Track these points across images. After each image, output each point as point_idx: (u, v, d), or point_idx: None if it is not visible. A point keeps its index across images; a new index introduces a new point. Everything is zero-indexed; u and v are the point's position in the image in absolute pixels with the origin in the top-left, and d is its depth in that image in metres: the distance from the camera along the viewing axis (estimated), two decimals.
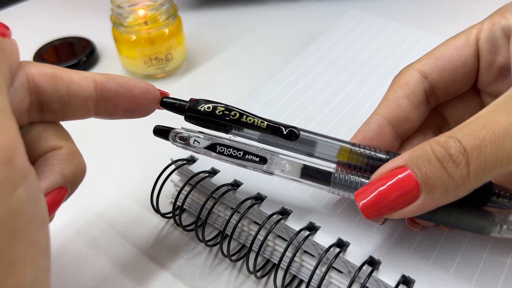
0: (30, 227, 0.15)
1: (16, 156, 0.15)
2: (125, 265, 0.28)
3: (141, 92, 0.22)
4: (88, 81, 0.21)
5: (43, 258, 0.16)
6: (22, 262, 0.15)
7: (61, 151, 0.20)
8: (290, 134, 0.23)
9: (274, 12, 0.54)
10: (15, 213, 0.15)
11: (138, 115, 0.23)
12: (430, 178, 0.18)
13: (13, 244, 0.15)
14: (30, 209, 0.15)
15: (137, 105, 0.22)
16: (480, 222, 0.21)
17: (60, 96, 0.20)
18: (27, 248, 0.15)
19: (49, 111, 0.20)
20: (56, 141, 0.20)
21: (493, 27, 0.24)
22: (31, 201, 0.15)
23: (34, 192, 0.16)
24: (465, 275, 0.22)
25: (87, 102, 0.21)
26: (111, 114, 0.22)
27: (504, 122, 0.18)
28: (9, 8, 0.58)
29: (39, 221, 0.16)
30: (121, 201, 0.32)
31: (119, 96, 0.22)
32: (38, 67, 0.20)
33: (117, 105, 0.22)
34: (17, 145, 0.15)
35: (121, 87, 0.22)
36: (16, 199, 0.15)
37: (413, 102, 0.25)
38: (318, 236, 0.24)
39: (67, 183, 0.20)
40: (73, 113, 0.21)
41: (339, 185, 0.23)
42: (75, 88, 0.20)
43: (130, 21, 0.41)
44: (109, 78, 0.21)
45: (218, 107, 0.23)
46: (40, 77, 0.19)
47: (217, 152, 0.23)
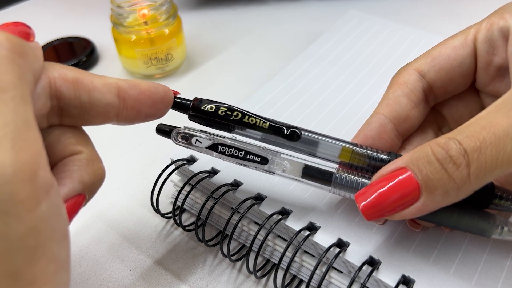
0: (50, 243, 0.15)
1: (39, 170, 0.15)
2: (125, 265, 0.28)
3: (160, 96, 0.22)
4: (110, 88, 0.20)
5: (63, 273, 0.16)
6: (42, 280, 0.15)
7: (81, 156, 0.19)
8: (292, 134, 0.23)
9: (274, 12, 0.54)
10: (36, 230, 0.14)
11: (155, 118, 0.22)
12: (431, 180, 0.18)
13: (33, 262, 0.14)
14: (52, 224, 0.15)
15: (156, 109, 0.22)
16: (481, 224, 0.21)
17: (81, 102, 0.19)
18: (47, 265, 0.15)
19: (69, 116, 0.19)
20: (75, 145, 0.20)
21: (491, 27, 0.24)
22: (52, 215, 0.15)
23: (56, 206, 0.15)
24: (465, 275, 0.22)
25: (108, 110, 0.20)
26: (132, 120, 0.21)
27: (504, 124, 0.18)
28: (9, 8, 0.58)
29: (60, 236, 0.16)
30: (121, 201, 0.32)
31: (140, 103, 0.21)
32: (60, 71, 0.19)
33: (139, 111, 0.21)
34: (41, 158, 0.15)
35: (142, 93, 0.21)
36: (37, 216, 0.14)
37: (413, 100, 0.25)
38: (318, 236, 0.24)
39: (85, 189, 0.19)
40: (94, 119, 0.20)
41: (340, 185, 0.23)
42: (97, 95, 0.19)
43: (130, 21, 0.41)
44: (132, 84, 0.21)
45: (221, 108, 0.23)
46: (62, 82, 0.19)
47: (218, 152, 0.24)
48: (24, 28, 0.19)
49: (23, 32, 0.19)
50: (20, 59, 0.16)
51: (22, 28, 0.19)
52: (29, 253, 0.14)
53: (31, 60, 0.17)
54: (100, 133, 0.38)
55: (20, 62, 0.16)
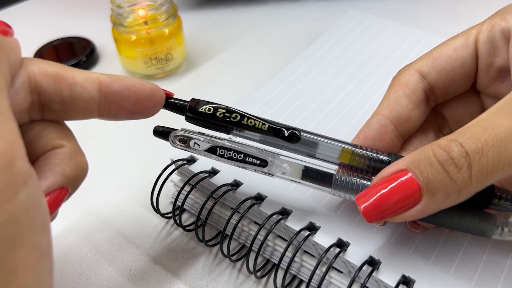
0: (30, 231, 0.15)
1: (16, 160, 0.15)
2: (125, 265, 0.28)
3: (147, 94, 0.21)
4: (92, 82, 0.20)
5: (44, 262, 0.16)
6: (23, 268, 0.15)
7: (63, 150, 0.20)
8: (292, 136, 0.23)
9: (274, 12, 0.54)
10: (15, 219, 0.14)
11: (142, 116, 0.22)
12: (432, 182, 0.18)
13: (13, 251, 0.14)
14: (31, 213, 0.15)
15: (142, 107, 0.22)
16: (482, 225, 0.21)
17: (62, 97, 0.19)
18: (28, 253, 0.15)
19: (50, 111, 0.20)
20: (57, 140, 0.20)
21: (493, 28, 0.24)
22: (31, 205, 0.15)
23: (35, 195, 0.15)
24: (465, 275, 0.22)
25: (90, 104, 0.20)
26: (115, 116, 0.21)
27: (506, 125, 0.18)
28: (9, 8, 0.58)
29: (40, 225, 0.16)
30: (121, 201, 0.32)
31: (123, 99, 0.21)
32: (40, 65, 0.19)
33: (121, 107, 0.21)
34: (17, 148, 0.15)
35: (126, 89, 0.21)
36: (16, 205, 0.14)
37: (413, 101, 0.25)
38: (318, 236, 0.24)
39: (68, 183, 0.19)
40: (75, 114, 0.20)
41: (340, 187, 0.23)
42: (78, 90, 0.19)
43: (130, 21, 0.41)
44: (114, 79, 0.20)
45: (219, 109, 0.23)
46: (42, 77, 0.19)
47: (217, 155, 0.23)
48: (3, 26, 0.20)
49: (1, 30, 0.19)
50: None
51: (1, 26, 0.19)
52: (8, 241, 0.14)
53: (6, 52, 0.17)
54: (100, 133, 0.39)
55: None
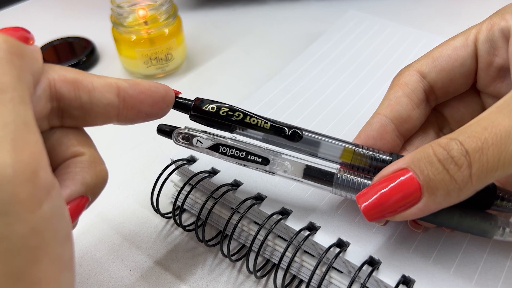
0: (53, 243, 0.15)
1: (40, 171, 0.15)
2: (125, 265, 0.28)
3: (161, 96, 0.21)
4: (110, 88, 0.20)
5: (67, 273, 0.16)
6: (45, 280, 0.15)
7: (83, 158, 0.19)
8: (294, 135, 0.23)
9: (274, 12, 0.54)
10: (38, 231, 0.14)
11: (156, 117, 0.22)
12: (432, 180, 0.18)
13: (35, 263, 0.14)
14: (54, 224, 0.15)
15: (157, 109, 0.22)
16: (483, 225, 0.21)
17: (82, 103, 0.19)
18: (50, 265, 0.15)
19: (70, 117, 0.19)
20: (77, 147, 0.20)
21: (492, 28, 0.24)
22: (54, 216, 0.15)
23: (57, 206, 0.15)
24: (465, 275, 0.22)
25: (108, 109, 0.20)
26: (133, 120, 0.21)
27: (506, 124, 0.18)
28: (9, 8, 0.58)
29: (62, 236, 0.16)
30: (121, 201, 0.32)
31: (141, 102, 0.21)
32: (60, 72, 0.19)
33: (139, 111, 0.21)
34: (41, 159, 0.15)
35: (142, 93, 0.21)
36: (39, 217, 0.14)
37: (414, 101, 0.25)
38: (318, 236, 0.24)
39: (88, 191, 0.19)
40: (95, 120, 0.20)
41: (341, 186, 0.23)
42: (97, 95, 0.19)
43: (130, 21, 0.41)
44: (132, 84, 0.20)
45: (223, 108, 0.23)
46: (62, 84, 0.19)
47: (219, 152, 0.24)
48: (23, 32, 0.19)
49: (22, 36, 0.19)
50: (18, 60, 0.16)
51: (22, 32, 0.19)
52: (31, 253, 0.14)
53: (29, 61, 0.17)
54: (100, 133, 0.38)
55: (18, 64, 0.16)
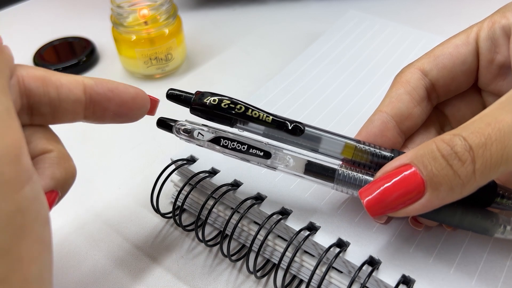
0: (35, 224, 0.16)
1: (23, 155, 0.15)
2: (125, 265, 0.28)
3: (131, 97, 0.22)
4: (77, 85, 0.21)
5: (47, 254, 0.17)
6: (28, 258, 0.16)
7: (51, 154, 0.20)
8: (295, 129, 0.23)
9: (274, 12, 0.54)
10: (22, 210, 0.15)
11: (127, 120, 0.23)
12: (436, 176, 0.18)
13: (20, 240, 0.15)
14: (35, 207, 0.16)
15: (126, 109, 0.22)
16: (484, 223, 0.21)
17: (50, 99, 0.20)
18: (33, 244, 0.16)
19: (38, 114, 0.20)
20: (46, 144, 0.20)
21: (493, 25, 0.24)
22: (35, 199, 0.16)
23: (37, 190, 0.16)
24: (465, 275, 0.22)
25: (76, 106, 0.21)
26: (100, 118, 0.22)
27: (509, 120, 0.18)
28: (9, 8, 0.58)
29: (43, 219, 0.16)
30: (121, 201, 0.32)
31: (108, 100, 0.22)
32: (28, 70, 0.20)
33: (105, 109, 0.22)
34: (23, 144, 0.16)
35: (110, 91, 0.22)
36: (23, 197, 0.15)
37: (415, 98, 0.25)
38: (318, 236, 0.24)
39: (58, 186, 0.20)
40: (62, 117, 0.21)
41: (343, 182, 0.23)
42: (65, 91, 0.20)
43: (130, 21, 0.41)
44: (98, 82, 0.21)
45: (224, 100, 0.23)
46: (30, 80, 0.19)
47: (221, 145, 0.23)
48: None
49: None
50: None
51: None
52: (16, 231, 0.15)
53: (7, 57, 0.18)
54: (100, 134, 0.39)
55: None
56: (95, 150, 0.37)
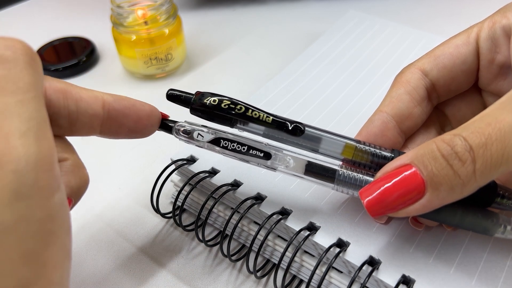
0: (61, 231, 0.16)
1: (55, 163, 0.16)
2: (125, 265, 0.28)
3: (146, 114, 0.22)
4: (96, 100, 0.21)
5: (68, 261, 0.17)
6: (53, 264, 0.16)
7: (67, 163, 0.20)
8: (295, 129, 0.23)
9: (274, 12, 0.54)
10: (51, 217, 0.16)
11: (140, 136, 0.23)
12: (436, 176, 0.18)
13: (47, 247, 0.16)
14: (62, 214, 0.16)
15: (141, 126, 0.23)
16: (484, 223, 0.21)
17: (69, 111, 0.20)
18: (58, 251, 0.16)
19: (56, 125, 0.20)
20: (61, 153, 0.21)
21: (494, 25, 0.24)
22: (63, 206, 0.16)
23: (64, 199, 0.17)
24: (465, 275, 0.22)
25: (93, 120, 0.21)
26: (115, 134, 0.22)
27: (509, 120, 0.18)
28: (9, 8, 0.58)
29: (67, 226, 0.17)
30: (121, 201, 0.32)
31: (125, 117, 0.22)
32: (50, 81, 0.20)
33: (122, 125, 0.22)
34: (55, 153, 0.16)
35: (127, 108, 0.22)
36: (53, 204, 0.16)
37: (415, 98, 0.25)
38: (318, 236, 0.24)
39: (72, 194, 0.20)
40: (78, 130, 0.21)
41: (344, 182, 0.23)
42: (84, 105, 0.20)
43: (130, 21, 0.41)
44: (117, 98, 0.22)
45: (224, 101, 0.23)
46: (52, 92, 0.20)
47: (221, 146, 0.23)
48: None
49: None
50: (35, 64, 0.18)
51: None
52: (45, 237, 0.16)
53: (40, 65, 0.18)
54: None
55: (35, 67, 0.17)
56: (95, 150, 0.37)
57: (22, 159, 0.15)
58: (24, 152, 0.15)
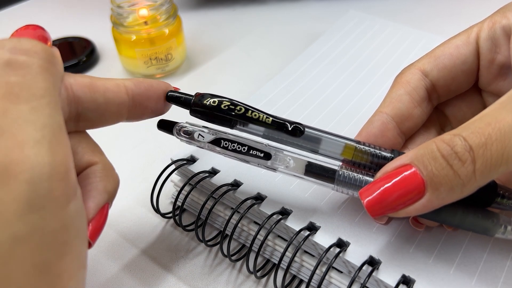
0: (76, 240, 0.16)
1: (70, 171, 0.16)
2: (125, 265, 0.28)
3: (164, 92, 0.23)
4: (120, 88, 0.21)
5: (83, 271, 0.17)
6: (68, 274, 0.16)
7: (98, 167, 0.20)
8: (295, 130, 0.23)
9: (274, 12, 0.54)
10: (66, 227, 0.15)
11: (160, 113, 0.24)
12: (436, 176, 0.18)
13: (61, 257, 0.15)
14: (77, 223, 0.16)
15: (161, 104, 0.23)
16: (485, 223, 0.21)
17: (97, 104, 0.20)
18: (72, 261, 0.16)
19: (85, 119, 0.20)
20: (91, 156, 0.21)
21: (494, 25, 0.24)
22: (78, 215, 0.16)
23: (80, 206, 0.16)
24: (465, 275, 0.22)
25: (121, 108, 0.21)
26: (140, 116, 0.23)
27: (509, 120, 0.18)
28: (9, 8, 0.58)
29: (82, 235, 0.17)
30: (121, 201, 0.32)
31: (147, 99, 0.22)
32: (75, 77, 0.20)
33: (146, 107, 0.22)
34: (71, 161, 0.16)
35: (148, 90, 0.22)
36: (68, 214, 0.15)
37: (415, 99, 0.25)
38: (318, 236, 0.24)
39: (110, 198, 0.20)
40: (108, 120, 0.21)
41: (344, 182, 0.23)
42: (111, 96, 0.21)
43: (130, 21, 0.41)
44: (136, 82, 0.22)
45: (224, 102, 0.23)
46: (79, 87, 0.20)
47: (221, 147, 0.23)
48: (42, 31, 0.21)
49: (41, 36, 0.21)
50: (53, 67, 0.17)
51: (41, 32, 0.20)
52: (59, 248, 0.15)
53: (59, 68, 0.18)
54: (101, 134, 0.38)
55: (53, 71, 0.17)
56: None
57: (36, 169, 0.14)
58: (38, 161, 0.15)
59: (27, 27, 0.20)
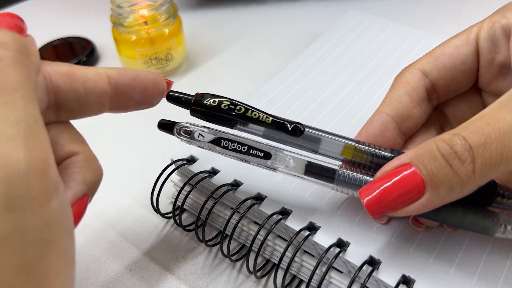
0: (60, 237, 0.16)
1: (50, 167, 0.15)
2: (125, 265, 0.28)
3: (152, 83, 0.22)
4: (101, 77, 0.20)
5: (71, 267, 0.16)
6: (54, 273, 0.15)
7: (79, 157, 0.20)
8: (295, 130, 0.23)
9: (274, 12, 0.54)
10: (48, 225, 0.15)
11: (148, 106, 0.23)
12: (436, 175, 0.18)
13: (45, 256, 0.15)
14: (61, 219, 0.16)
15: (148, 96, 0.22)
16: (485, 222, 0.21)
17: (77, 94, 0.20)
18: (58, 259, 0.15)
19: (65, 110, 0.20)
20: (73, 146, 0.20)
21: (493, 25, 0.24)
22: (61, 211, 0.16)
23: (64, 202, 0.16)
24: (465, 275, 0.22)
25: (102, 98, 0.21)
26: (124, 108, 0.22)
27: (509, 119, 0.18)
28: (9, 8, 0.58)
29: (68, 231, 0.16)
30: (121, 201, 0.32)
31: (132, 89, 0.21)
32: (54, 66, 0.19)
33: (130, 98, 0.22)
34: (50, 156, 0.15)
35: (132, 80, 0.21)
36: (50, 211, 0.15)
37: (415, 99, 0.25)
38: (318, 236, 0.24)
39: (89, 190, 0.20)
40: (89, 110, 0.21)
41: (343, 182, 0.23)
42: (91, 85, 0.20)
43: (130, 21, 0.41)
44: (121, 72, 0.21)
45: (224, 101, 0.23)
46: (57, 76, 0.19)
47: (221, 146, 0.23)
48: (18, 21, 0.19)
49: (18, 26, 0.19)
50: (26, 59, 0.16)
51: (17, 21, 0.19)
52: (42, 247, 0.15)
53: (34, 59, 0.17)
54: (100, 134, 0.39)
55: (27, 62, 0.16)
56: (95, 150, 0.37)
57: (12, 167, 0.14)
58: (14, 159, 0.14)
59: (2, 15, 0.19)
